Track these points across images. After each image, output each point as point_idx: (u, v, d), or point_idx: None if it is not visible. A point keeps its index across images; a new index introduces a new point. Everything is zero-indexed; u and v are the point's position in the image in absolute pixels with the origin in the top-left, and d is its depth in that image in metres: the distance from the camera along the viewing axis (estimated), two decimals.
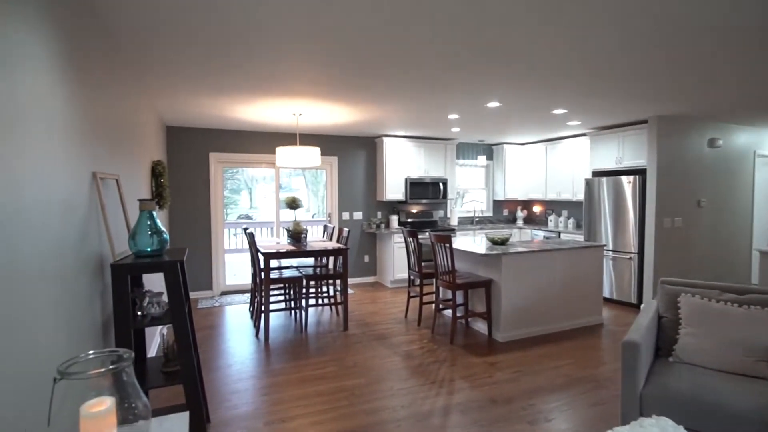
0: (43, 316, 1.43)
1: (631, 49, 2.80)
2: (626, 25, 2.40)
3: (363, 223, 7.08)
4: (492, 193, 8.11)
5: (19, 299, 1.25)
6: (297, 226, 4.92)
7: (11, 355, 1.19)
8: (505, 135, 6.88)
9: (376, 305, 5.67)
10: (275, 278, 4.47)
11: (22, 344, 1.25)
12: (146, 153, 4.02)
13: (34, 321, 1.35)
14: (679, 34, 2.54)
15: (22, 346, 1.25)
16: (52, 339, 1.50)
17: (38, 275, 1.40)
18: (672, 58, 2.99)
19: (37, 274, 1.40)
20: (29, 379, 1.29)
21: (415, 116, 5.23)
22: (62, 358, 1.57)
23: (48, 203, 1.52)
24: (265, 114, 4.98)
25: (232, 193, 12.33)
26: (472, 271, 4.71)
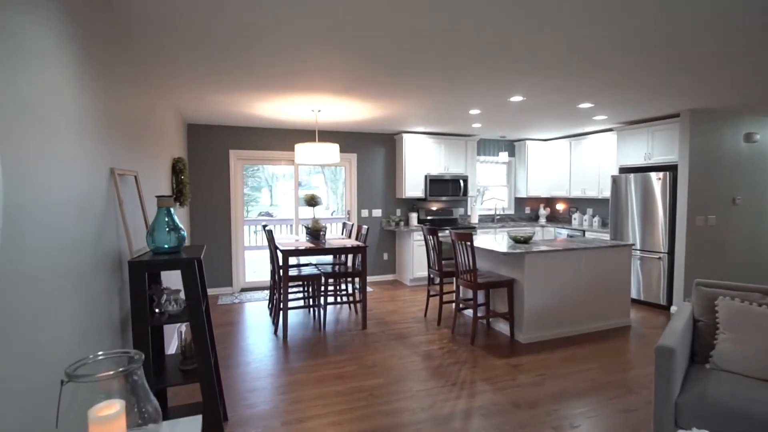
0: (58, 313, 1.41)
1: (670, 40, 2.65)
2: (664, 12, 2.26)
3: (382, 221, 7.02)
4: (513, 191, 7.94)
5: (31, 297, 1.22)
6: (316, 223, 4.89)
7: (23, 354, 1.16)
8: (527, 131, 6.71)
9: (395, 304, 5.61)
10: (294, 276, 4.45)
11: (33, 342, 1.23)
12: (166, 150, 4.03)
13: (47, 318, 1.32)
14: (722, 24, 2.38)
15: (33, 344, 1.23)
16: (67, 337, 1.47)
17: (52, 273, 1.38)
18: (714, 50, 2.82)
19: (51, 271, 1.37)
20: (41, 379, 1.27)
21: (435, 112, 5.13)
22: (77, 356, 1.55)
23: (64, 200, 1.49)
24: (284, 110, 4.96)
25: (253, 190, 12.37)
26: (493, 270, 4.60)
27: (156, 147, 3.55)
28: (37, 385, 1.23)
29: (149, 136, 3.17)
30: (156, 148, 3.54)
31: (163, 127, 3.92)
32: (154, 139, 3.44)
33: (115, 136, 2.20)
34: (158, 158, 3.63)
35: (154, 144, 3.47)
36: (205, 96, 4.21)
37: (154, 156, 3.46)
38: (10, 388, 1.07)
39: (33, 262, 1.24)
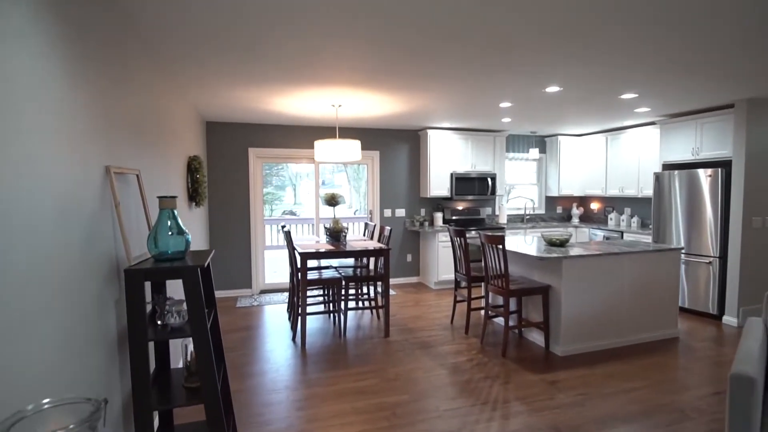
0: (26, 329, 1.19)
1: (730, 16, 2.28)
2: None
3: (406, 221, 6.74)
4: (544, 189, 7.53)
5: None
6: (336, 224, 4.65)
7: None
8: (560, 125, 6.31)
9: (420, 309, 5.33)
10: (313, 279, 4.22)
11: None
12: (181, 148, 3.86)
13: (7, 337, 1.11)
14: None
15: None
16: (36, 357, 1.26)
17: (21, 284, 1.16)
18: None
19: (19, 282, 1.16)
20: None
21: (462, 105, 4.81)
22: (52, 375, 1.34)
23: (37, 199, 1.28)
24: (304, 106, 4.74)
25: (277, 189, 12.28)
26: (526, 275, 4.26)
27: (169, 145, 3.37)
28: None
29: (159, 134, 2.99)
30: (169, 146, 3.36)
31: (178, 124, 3.75)
32: (166, 137, 3.26)
33: (113, 133, 2.00)
34: (171, 156, 3.46)
35: (167, 142, 3.29)
36: (221, 91, 4.02)
37: (167, 154, 3.28)
38: None
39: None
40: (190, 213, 4.27)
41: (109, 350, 1.88)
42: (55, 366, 1.38)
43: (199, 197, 4.20)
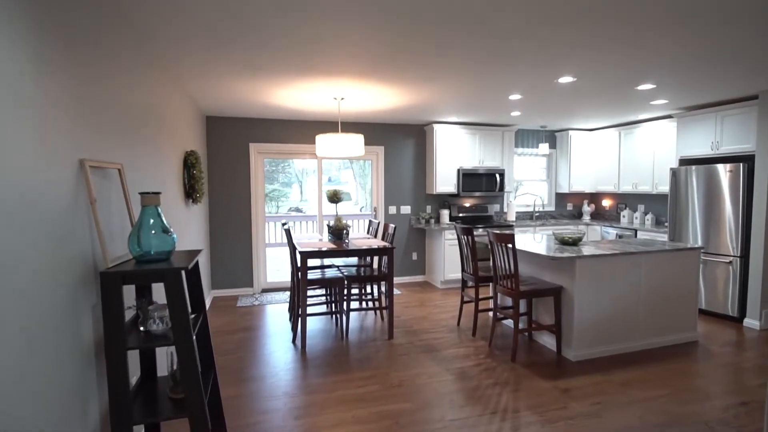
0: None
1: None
2: None
3: (411, 218, 6.56)
4: (554, 185, 7.30)
5: None
6: (338, 221, 4.48)
7: None
8: (571, 119, 6.08)
9: (425, 309, 5.15)
10: (313, 279, 4.06)
11: None
12: (177, 142, 3.71)
13: None
14: None
15: None
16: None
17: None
18: None
19: None
20: None
21: (470, 98, 4.61)
22: (11, 388, 1.18)
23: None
24: (305, 99, 4.57)
25: (283, 186, 12.11)
26: (536, 275, 4.07)
27: (163, 139, 3.22)
28: None
29: (152, 128, 2.83)
30: (163, 140, 3.21)
31: (173, 118, 3.60)
32: (161, 131, 3.11)
33: (90, 124, 1.84)
34: (165, 151, 3.31)
35: (161, 136, 3.14)
36: (218, 83, 3.86)
37: (160, 149, 3.13)
38: None
39: None
40: (187, 210, 4.12)
41: (84, 360, 1.72)
42: (16, 378, 1.22)
43: (196, 194, 4.04)
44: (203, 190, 4.27)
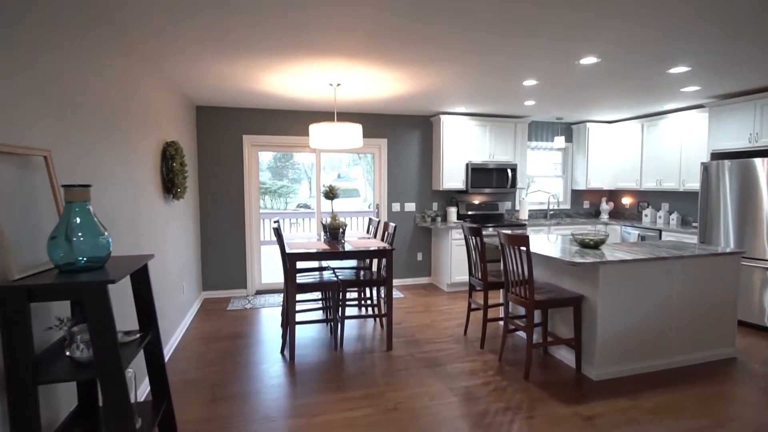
0: None
1: None
2: None
3: (416, 216, 6.14)
4: (570, 182, 6.83)
5: None
6: (334, 219, 4.09)
7: None
8: (590, 110, 5.61)
9: (429, 315, 4.74)
10: (303, 283, 3.67)
11: None
12: (152, 132, 3.34)
13: None
14: None
15: None
16: None
17: None
18: None
19: None
20: None
21: (481, 84, 4.17)
22: None
23: None
24: (298, 85, 4.17)
25: (292, 182, 11.88)
26: (553, 281, 3.64)
27: (132, 127, 2.85)
28: None
29: (114, 113, 2.45)
30: (131, 128, 2.84)
31: (147, 104, 3.23)
32: (130, 118, 2.73)
33: (9, 104, 1.46)
34: (135, 141, 2.94)
35: (129, 123, 2.77)
36: (199, 65, 3.48)
37: (129, 139, 2.76)
38: None
39: None
40: (167, 207, 3.76)
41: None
42: None
43: (176, 189, 3.67)
44: (185, 185, 3.89)
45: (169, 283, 3.80)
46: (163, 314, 3.56)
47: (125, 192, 2.73)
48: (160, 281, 3.50)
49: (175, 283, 4.00)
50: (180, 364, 3.47)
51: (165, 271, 3.67)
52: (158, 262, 3.43)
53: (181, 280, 4.26)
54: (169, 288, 3.77)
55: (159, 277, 3.47)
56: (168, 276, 3.76)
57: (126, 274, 1.55)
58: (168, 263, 3.78)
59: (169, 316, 3.75)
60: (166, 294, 3.67)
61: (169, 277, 3.78)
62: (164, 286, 3.64)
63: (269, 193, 11.91)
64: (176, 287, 4.05)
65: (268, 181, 12.20)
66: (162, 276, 3.57)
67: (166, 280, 3.71)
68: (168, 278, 3.76)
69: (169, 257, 3.80)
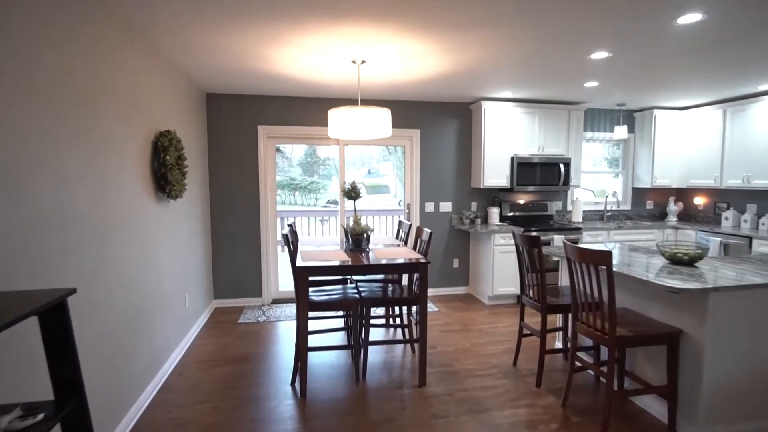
0: None
1: None
2: None
3: (452, 217, 5.41)
4: (631, 178, 5.92)
5: None
6: (357, 224, 3.43)
7: None
8: (660, 93, 4.71)
9: (469, 336, 4.01)
10: (318, 301, 3.02)
11: None
12: (140, 120, 2.77)
13: None
14: None
15: None
16: None
17: None
18: None
19: None
20: None
21: (536, 59, 3.40)
22: None
23: None
24: (315, 64, 3.52)
25: (323, 178, 11.70)
26: (633, 306, 2.85)
27: (111, 114, 2.29)
28: None
29: (83, 95, 1.87)
30: (110, 115, 2.27)
31: (134, 87, 2.66)
32: (105, 102, 2.16)
33: None
34: (118, 131, 2.37)
35: (106, 109, 2.19)
36: (196, 35, 2.87)
37: (104, 127, 2.19)
38: None
39: None
40: (161, 207, 3.19)
41: None
42: None
43: (170, 186, 3.10)
44: (183, 182, 3.32)
45: (164, 295, 3.24)
46: (155, 333, 3.00)
47: (93, 190, 2.15)
48: (151, 295, 2.94)
49: (173, 295, 3.45)
50: (171, 397, 2.90)
51: (158, 281, 3.11)
52: (148, 273, 2.86)
53: (182, 291, 3.71)
54: (163, 301, 3.22)
55: (149, 289, 2.91)
56: (162, 287, 3.20)
57: (12, 321, 0.92)
58: (163, 272, 3.22)
59: (164, 335, 3.20)
60: (158, 309, 3.11)
61: (164, 289, 3.23)
62: (157, 300, 3.09)
63: (299, 189, 11.93)
64: (175, 299, 3.50)
65: (298, 177, 12.09)
66: (154, 288, 3.01)
67: (160, 293, 3.15)
68: (162, 290, 3.20)
69: (164, 265, 3.24)
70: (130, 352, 2.61)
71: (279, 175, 13.30)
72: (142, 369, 2.79)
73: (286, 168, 13.00)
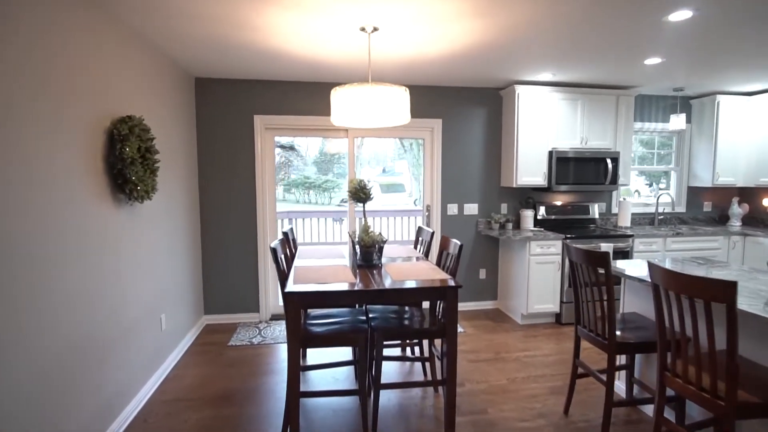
0: None
1: None
2: None
3: (479, 221, 4.69)
4: (686, 176, 5.11)
5: None
6: (366, 233, 2.74)
7: None
8: (729, 75, 3.91)
9: (504, 367, 3.30)
10: (315, 334, 2.35)
11: None
12: (85, 103, 2.12)
13: None
14: None
15: None
16: None
17: None
18: None
19: None
20: None
21: (588, 25, 2.66)
22: None
23: None
24: (316, 33, 2.84)
25: (338, 176, 11.39)
26: (743, 351, 2.10)
27: (45, 95, 1.64)
28: None
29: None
30: (44, 96, 1.63)
31: (83, 61, 2.02)
32: (37, 80, 1.52)
33: None
34: (52, 114, 1.73)
35: (27, 86, 1.55)
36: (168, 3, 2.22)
37: (20, 110, 1.54)
38: None
39: None
40: (124, 213, 2.56)
41: None
42: None
43: (132, 186, 2.46)
44: (151, 181, 2.67)
45: (129, 320, 2.61)
46: (112, 370, 2.37)
47: (17, 195, 1.52)
48: (107, 322, 2.31)
49: (143, 319, 2.82)
50: None
51: (121, 304, 2.49)
52: (102, 295, 2.22)
53: (157, 312, 3.08)
54: (128, 328, 2.59)
55: (104, 316, 2.28)
56: (126, 311, 2.57)
57: None
58: (127, 292, 2.59)
59: (127, 369, 2.57)
60: (120, 338, 2.48)
61: (128, 313, 2.60)
62: (119, 327, 2.47)
63: (314, 187, 11.85)
64: (145, 323, 2.87)
65: (312, 175, 11.91)
66: (113, 313, 2.39)
67: (123, 318, 2.53)
68: (126, 314, 2.57)
69: (129, 284, 2.61)
70: (64, 404, 1.98)
71: (293, 173, 12.89)
72: (87, 421, 2.15)
73: (300, 166, 12.63)
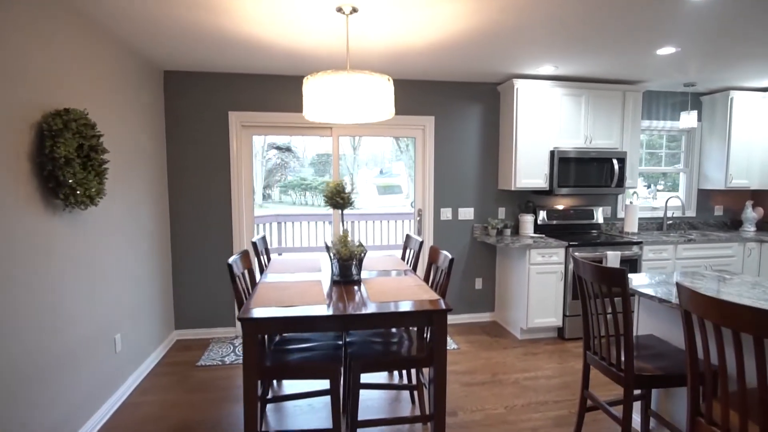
0: None
1: None
2: None
3: (474, 227, 4.34)
4: (696, 178, 4.78)
5: None
6: (344, 243, 2.39)
7: None
8: (745, 68, 3.58)
9: (502, 393, 2.94)
10: (278, 365, 1.99)
11: None
12: (9, 92, 1.77)
13: None
14: None
15: None
16: None
17: None
18: None
19: None
20: None
21: (595, 8, 2.32)
22: None
23: None
24: (291, 14, 2.49)
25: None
26: None
27: None
28: None
29: None
30: None
31: (11, 45, 1.66)
32: None
33: None
34: None
35: None
36: None
37: None
38: None
39: None
40: (60, 221, 2.20)
41: None
42: None
43: (68, 190, 2.10)
44: (95, 183, 2.30)
45: (69, 345, 2.25)
46: (50, 402, 2.01)
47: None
48: (38, 351, 1.95)
49: (91, 341, 2.46)
50: None
51: (61, 326, 2.14)
52: (28, 320, 1.86)
53: (110, 332, 2.72)
54: (69, 353, 2.23)
55: (34, 344, 1.92)
56: (64, 335, 2.21)
57: None
58: (69, 313, 2.24)
59: (70, 401, 2.21)
60: (58, 368, 2.13)
61: (70, 336, 2.24)
62: (62, 352, 2.12)
63: (310, 189, 11.96)
64: (94, 347, 2.51)
65: (309, 177, 12.05)
66: (51, 337, 2.03)
67: (65, 341, 2.18)
68: (64, 339, 2.21)
69: (70, 303, 2.25)
70: None
71: (290, 175, 12.75)
72: None
73: (297, 168, 12.53)
